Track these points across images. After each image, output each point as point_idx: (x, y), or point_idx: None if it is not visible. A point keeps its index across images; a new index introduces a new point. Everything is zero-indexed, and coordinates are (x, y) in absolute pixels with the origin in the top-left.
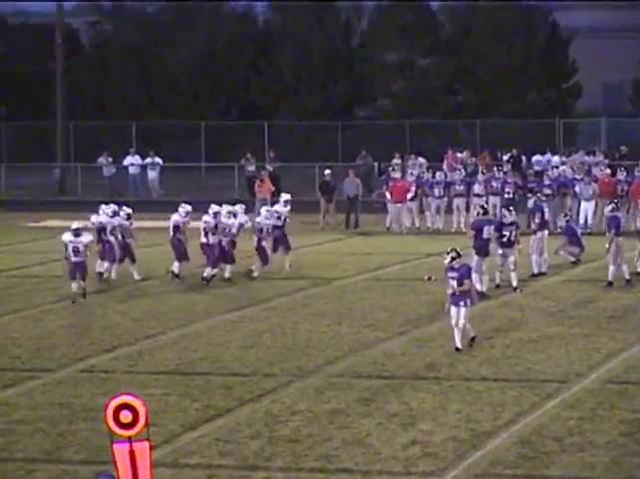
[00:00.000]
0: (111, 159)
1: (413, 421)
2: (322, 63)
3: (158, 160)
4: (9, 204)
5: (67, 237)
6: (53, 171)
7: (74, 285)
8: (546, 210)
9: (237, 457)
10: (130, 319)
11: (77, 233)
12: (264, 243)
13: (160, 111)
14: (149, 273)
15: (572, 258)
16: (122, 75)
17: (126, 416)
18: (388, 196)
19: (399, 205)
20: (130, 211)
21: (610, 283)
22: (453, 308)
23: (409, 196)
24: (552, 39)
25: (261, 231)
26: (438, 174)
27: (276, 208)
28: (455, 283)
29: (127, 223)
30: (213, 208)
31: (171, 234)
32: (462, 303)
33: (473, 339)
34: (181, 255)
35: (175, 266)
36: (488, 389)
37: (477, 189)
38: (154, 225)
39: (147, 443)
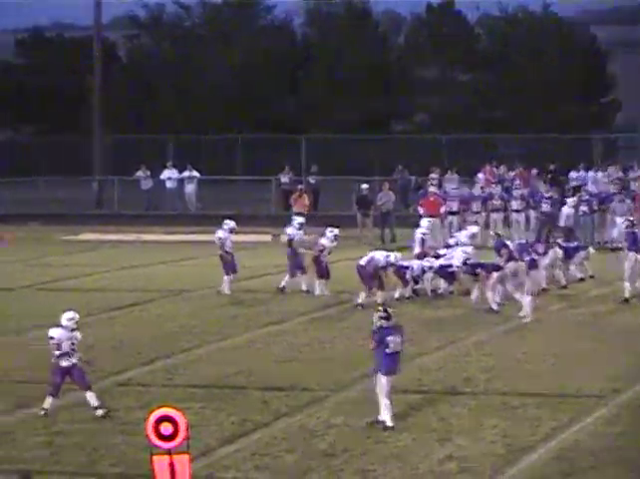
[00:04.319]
0: (148, 172)
1: (450, 436)
2: (359, 77)
3: (195, 173)
4: (46, 217)
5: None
6: (90, 184)
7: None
8: None
9: (273, 471)
10: (166, 333)
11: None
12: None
13: (198, 124)
14: (186, 287)
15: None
16: (159, 88)
17: (166, 428)
18: (420, 210)
19: (432, 219)
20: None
21: (626, 300)
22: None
23: (442, 209)
24: (591, 53)
25: (290, 241)
26: (475, 188)
27: (323, 241)
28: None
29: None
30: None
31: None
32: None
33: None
34: (229, 269)
35: (226, 281)
36: (525, 404)
37: (514, 204)
38: (191, 238)
39: (186, 456)
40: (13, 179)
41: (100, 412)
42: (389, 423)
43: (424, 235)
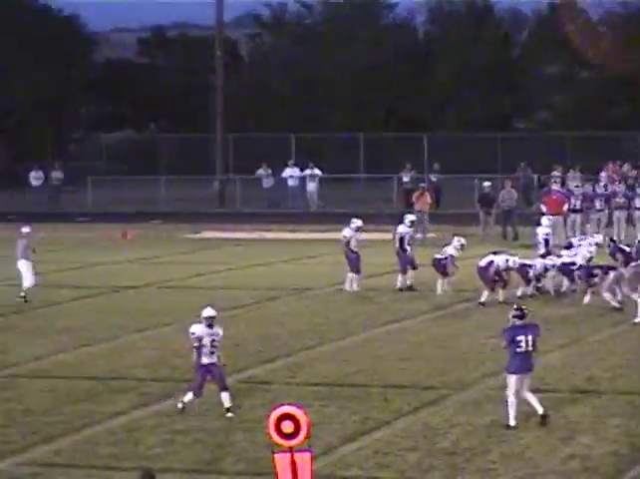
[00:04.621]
0: (270, 170)
1: (572, 435)
2: (482, 75)
3: (317, 171)
4: (169, 215)
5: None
6: (212, 183)
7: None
8: None
9: (396, 469)
10: (288, 331)
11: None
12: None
13: (319, 122)
14: (308, 285)
15: None
16: (281, 87)
17: (288, 426)
18: (543, 208)
19: (555, 217)
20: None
21: None
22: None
23: (565, 207)
24: None
25: (402, 239)
26: (598, 186)
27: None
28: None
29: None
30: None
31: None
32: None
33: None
34: (355, 268)
35: (350, 279)
36: None
37: (638, 202)
38: (313, 237)
39: (308, 454)
40: (136, 177)
41: (230, 415)
42: (512, 422)
43: (546, 235)
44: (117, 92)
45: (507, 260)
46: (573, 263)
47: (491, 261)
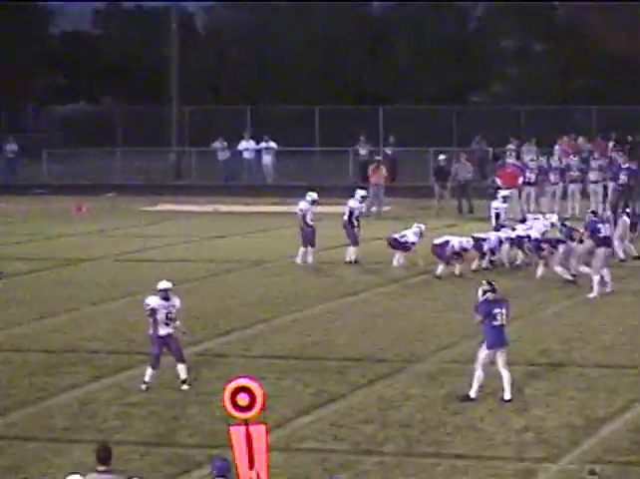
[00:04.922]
0: (225, 143)
1: (526, 407)
2: (437, 48)
3: (272, 144)
4: (124, 188)
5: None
6: (168, 155)
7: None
8: None
9: (351, 442)
10: (244, 303)
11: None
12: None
13: (275, 95)
14: (264, 258)
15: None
16: (237, 60)
17: (243, 399)
18: (498, 181)
19: (510, 190)
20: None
21: None
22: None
23: (519, 181)
24: None
25: (351, 214)
26: (553, 159)
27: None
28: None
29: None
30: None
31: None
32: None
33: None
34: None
35: (302, 253)
36: (603, 376)
37: (592, 175)
38: (268, 209)
39: (263, 426)
40: (91, 149)
41: (185, 387)
42: (473, 394)
43: (497, 209)
44: (72, 64)
45: (462, 242)
46: (528, 237)
47: (447, 241)
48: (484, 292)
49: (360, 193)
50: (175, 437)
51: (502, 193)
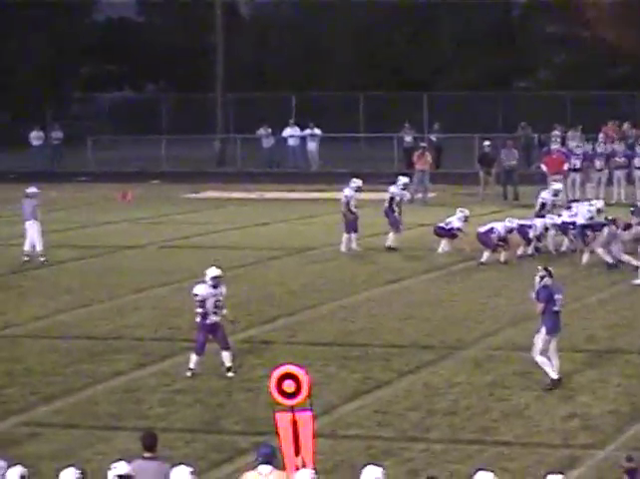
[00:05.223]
0: (270, 130)
1: (572, 394)
2: (483, 34)
3: (317, 131)
4: (169, 175)
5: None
6: (213, 142)
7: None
8: None
9: (396, 429)
10: (289, 290)
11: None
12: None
13: (320, 82)
14: (308, 245)
15: None
16: (282, 47)
17: (289, 386)
18: (544, 167)
19: (556, 176)
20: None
21: None
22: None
23: (565, 167)
24: None
25: (392, 200)
26: (598, 145)
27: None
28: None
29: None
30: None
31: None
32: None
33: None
34: (351, 228)
35: (346, 239)
36: None
37: (637, 161)
38: (313, 196)
39: (309, 413)
40: (136, 137)
41: (230, 374)
42: (555, 376)
43: (544, 199)
44: (117, 51)
45: (506, 226)
46: (573, 223)
47: (492, 228)
48: (542, 278)
49: (402, 179)
50: (220, 424)
51: (555, 186)
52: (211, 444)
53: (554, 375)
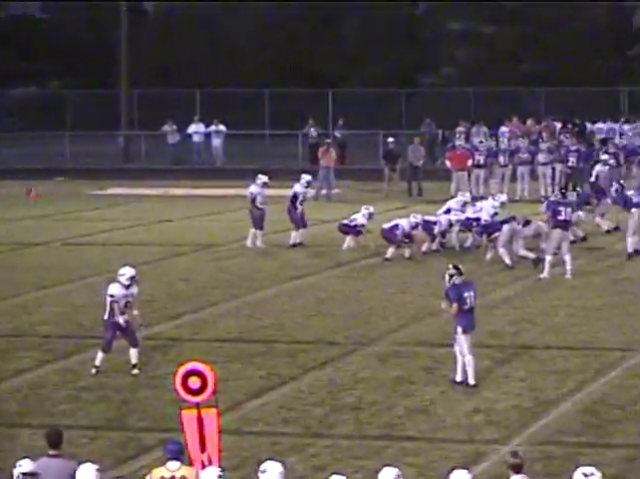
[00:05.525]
0: (175, 126)
1: (477, 389)
2: (387, 31)
3: (222, 127)
4: (74, 171)
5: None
6: (117, 139)
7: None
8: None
9: (301, 425)
10: (194, 287)
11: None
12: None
13: (225, 78)
14: (213, 241)
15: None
16: (187, 43)
17: (194, 382)
18: (448, 163)
19: (460, 172)
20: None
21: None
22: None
23: (469, 163)
24: (617, 5)
25: (295, 197)
26: (502, 141)
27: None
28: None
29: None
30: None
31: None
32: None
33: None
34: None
35: (252, 235)
36: (552, 358)
37: (541, 157)
38: (218, 193)
39: (214, 409)
40: (39, 133)
41: (135, 372)
42: (472, 381)
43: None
44: (19, 48)
45: (410, 222)
46: (478, 219)
47: (397, 224)
48: (451, 277)
49: (305, 177)
50: (126, 421)
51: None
52: (116, 441)
53: (472, 380)
